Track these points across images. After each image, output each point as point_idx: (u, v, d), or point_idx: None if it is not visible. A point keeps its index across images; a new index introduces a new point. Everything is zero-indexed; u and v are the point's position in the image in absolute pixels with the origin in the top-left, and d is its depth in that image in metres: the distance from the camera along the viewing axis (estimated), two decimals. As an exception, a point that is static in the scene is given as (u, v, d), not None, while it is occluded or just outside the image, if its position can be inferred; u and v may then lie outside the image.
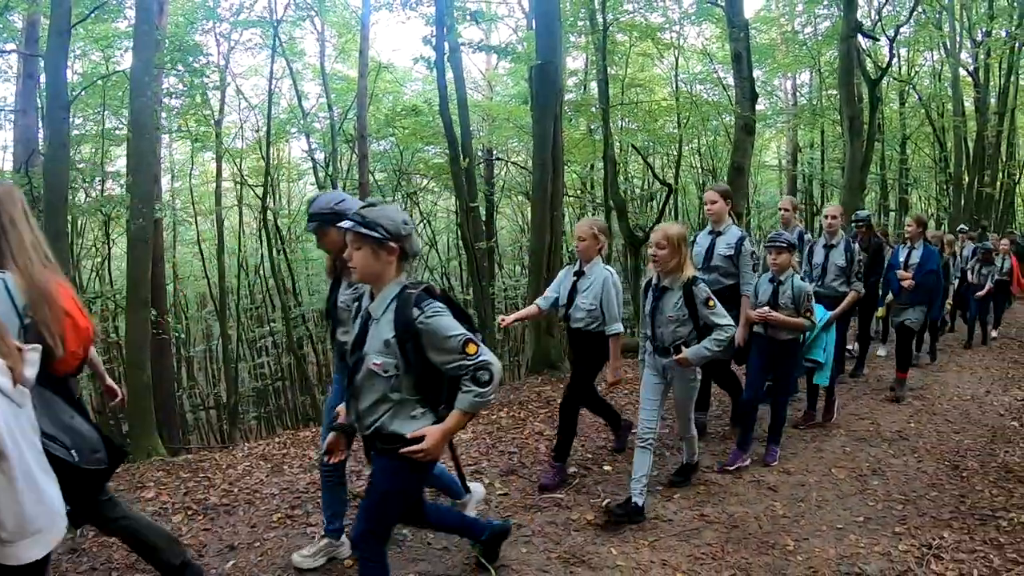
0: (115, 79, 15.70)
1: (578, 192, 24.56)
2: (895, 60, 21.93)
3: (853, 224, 9.59)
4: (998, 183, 25.72)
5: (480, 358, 2.95)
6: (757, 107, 14.44)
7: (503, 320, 5.59)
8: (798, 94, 28.99)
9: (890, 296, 8.59)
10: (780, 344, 5.76)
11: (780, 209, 8.32)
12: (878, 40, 18.98)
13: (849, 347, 9.71)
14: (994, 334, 12.46)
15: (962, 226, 15.82)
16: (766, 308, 5.63)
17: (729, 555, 4.25)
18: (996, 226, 23.46)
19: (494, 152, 22.84)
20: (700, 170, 27.56)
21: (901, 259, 8.32)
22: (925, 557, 4.18)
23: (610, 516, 4.61)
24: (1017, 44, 22.06)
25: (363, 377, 3.09)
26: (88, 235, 19.52)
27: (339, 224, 3.16)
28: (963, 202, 23.51)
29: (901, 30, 18.72)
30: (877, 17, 18.81)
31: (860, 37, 16.01)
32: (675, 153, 23.76)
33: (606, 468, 5.70)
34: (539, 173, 10.32)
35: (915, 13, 19.20)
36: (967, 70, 24.00)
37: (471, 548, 4.13)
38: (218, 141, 18.95)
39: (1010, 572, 4.00)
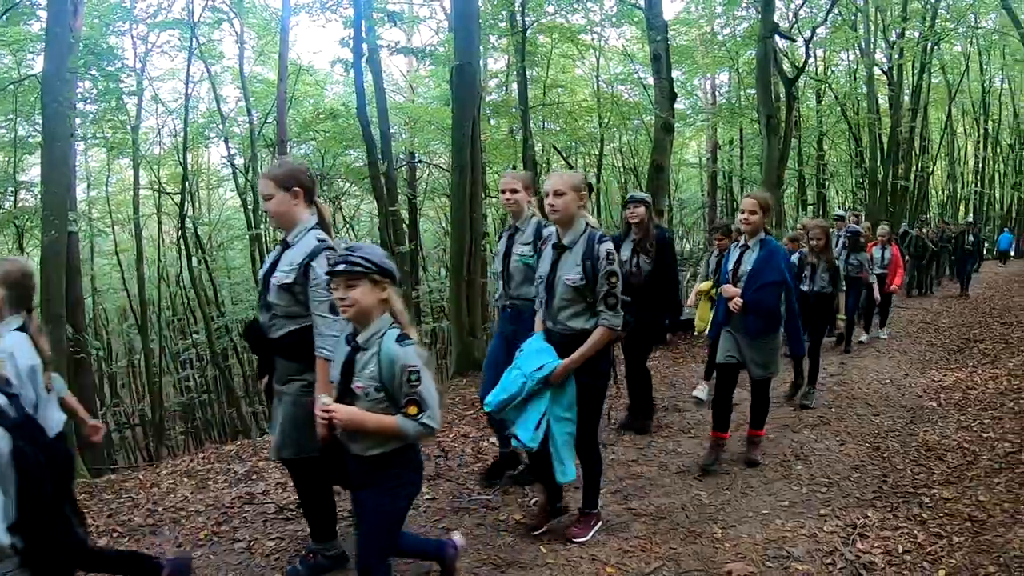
0: (27, 84, 15.11)
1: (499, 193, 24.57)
2: (811, 60, 22.48)
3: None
4: (912, 176, 26.70)
5: None
6: (677, 106, 14.67)
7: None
8: (717, 93, 29.68)
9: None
10: (365, 465, 3.02)
11: (501, 191, 5.02)
12: (795, 41, 19.41)
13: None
14: (884, 334, 11.35)
15: (837, 211, 14.16)
16: (326, 401, 2.94)
17: (657, 546, 4.24)
18: (911, 217, 24.32)
19: (416, 155, 22.70)
20: (622, 169, 27.99)
21: (730, 266, 5.51)
22: (851, 537, 4.24)
23: None
24: (929, 44, 22.93)
25: None
26: (2, 248, 18.79)
27: None
28: (879, 195, 24.24)
29: (817, 31, 19.24)
30: (794, 19, 19.19)
31: (777, 38, 16.34)
32: (597, 153, 24.08)
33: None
34: (458, 175, 10.29)
35: (831, 15, 19.69)
36: (882, 69, 24.83)
37: None
38: (135, 148, 18.37)
39: (934, 546, 4.08)
